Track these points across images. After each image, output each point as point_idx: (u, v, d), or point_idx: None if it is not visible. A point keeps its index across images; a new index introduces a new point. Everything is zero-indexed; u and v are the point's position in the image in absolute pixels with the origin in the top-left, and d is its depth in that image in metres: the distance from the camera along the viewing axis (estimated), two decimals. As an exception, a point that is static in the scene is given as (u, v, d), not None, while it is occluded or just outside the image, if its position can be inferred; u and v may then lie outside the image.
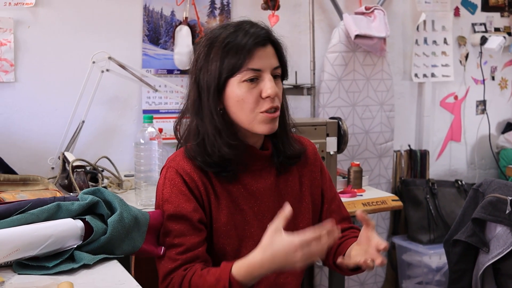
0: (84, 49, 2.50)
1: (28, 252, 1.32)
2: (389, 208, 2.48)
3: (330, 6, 3.07)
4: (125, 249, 1.46)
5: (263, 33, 1.49)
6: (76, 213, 1.42)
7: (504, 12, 3.65)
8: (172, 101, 2.71)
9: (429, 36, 3.39)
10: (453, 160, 3.65)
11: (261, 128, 1.52)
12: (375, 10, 3.05)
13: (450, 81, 3.49)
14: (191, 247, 1.53)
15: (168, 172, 1.57)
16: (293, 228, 1.65)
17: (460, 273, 2.56)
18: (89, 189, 1.48)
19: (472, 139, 3.68)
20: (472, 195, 2.52)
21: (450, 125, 3.60)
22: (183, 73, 2.72)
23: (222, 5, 2.75)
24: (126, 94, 2.64)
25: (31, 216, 1.37)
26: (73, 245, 1.38)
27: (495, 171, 3.73)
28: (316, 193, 1.72)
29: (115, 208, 1.45)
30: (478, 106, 3.67)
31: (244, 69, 1.46)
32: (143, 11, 2.61)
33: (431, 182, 3.29)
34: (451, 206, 3.24)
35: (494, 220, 2.37)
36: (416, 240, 3.21)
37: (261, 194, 1.61)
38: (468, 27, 3.56)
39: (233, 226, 1.58)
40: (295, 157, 1.66)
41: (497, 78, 3.71)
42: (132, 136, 2.65)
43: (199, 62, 1.51)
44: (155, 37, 2.64)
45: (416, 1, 3.29)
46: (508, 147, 3.63)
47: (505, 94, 3.76)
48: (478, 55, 3.59)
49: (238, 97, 1.48)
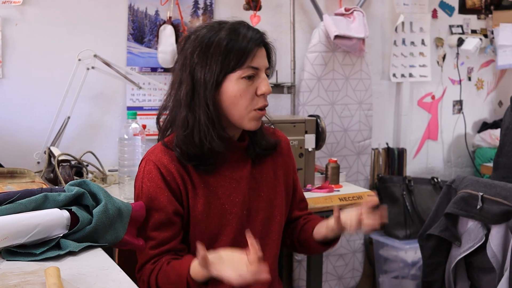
0: (71, 47, 2.56)
1: (17, 240, 1.38)
2: (365, 203, 2.56)
3: (311, 7, 3.16)
4: (108, 239, 1.53)
5: (260, 35, 1.59)
6: (63, 204, 1.49)
7: (480, 15, 3.76)
8: (156, 98, 2.78)
9: (407, 37, 3.49)
10: (430, 158, 3.75)
11: (250, 124, 1.62)
12: (355, 11, 3.14)
13: (428, 81, 3.60)
14: (162, 242, 1.62)
15: (147, 165, 1.65)
16: (268, 213, 1.75)
17: (433, 266, 2.66)
18: (75, 181, 1.55)
19: (449, 138, 3.79)
20: (445, 191, 2.62)
21: (427, 124, 3.70)
22: (167, 71, 2.79)
23: (205, 5, 2.83)
24: (111, 91, 2.71)
25: (20, 206, 1.43)
26: (59, 234, 1.45)
27: (471, 170, 3.84)
28: (289, 182, 1.83)
29: (100, 199, 1.52)
30: (455, 106, 3.77)
31: (245, 66, 1.55)
32: (128, 11, 2.67)
33: (407, 179, 3.39)
34: (427, 203, 3.34)
35: (466, 215, 2.47)
36: (393, 236, 3.30)
37: (238, 183, 1.70)
38: (445, 29, 3.66)
39: (210, 214, 1.66)
40: (270, 149, 1.76)
41: (473, 79, 3.82)
42: (116, 132, 2.72)
43: (194, 57, 1.57)
44: (139, 35, 2.71)
45: (395, 3, 3.39)
46: (483, 146, 3.74)
47: (481, 95, 3.88)
48: (455, 56, 3.69)
49: (235, 92, 1.57)
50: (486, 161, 3.65)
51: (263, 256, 1.73)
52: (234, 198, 1.69)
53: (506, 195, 2.35)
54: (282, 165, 1.80)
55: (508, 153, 2.61)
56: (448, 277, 2.63)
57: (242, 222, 1.71)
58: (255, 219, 1.73)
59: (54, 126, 2.50)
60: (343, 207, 2.50)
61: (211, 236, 1.68)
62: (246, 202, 1.71)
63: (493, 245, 2.42)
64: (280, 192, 1.79)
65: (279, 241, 1.80)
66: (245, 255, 1.43)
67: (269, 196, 1.76)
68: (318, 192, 2.54)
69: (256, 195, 1.74)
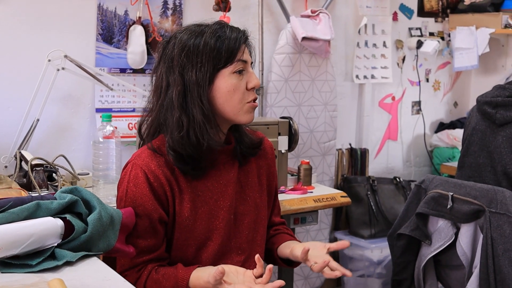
0: (38, 47, 2.48)
1: (11, 251, 1.33)
2: (338, 204, 2.59)
3: (278, 8, 3.16)
4: (100, 247, 1.49)
5: (244, 32, 1.62)
6: (55, 212, 1.44)
7: (438, 18, 3.86)
8: (125, 100, 2.72)
9: (370, 39, 3.54)
10: (390, 158, 3.82)
11: (245, 117, 1.63)
12: (320, 13, 3.17)
13: (388, 83, 3.66)
14: (145, 249, 1.61)
15: (133, 169, 1.62)
16: (255, 216, 1.74)
17: (403, 265, 2.71)
18: (67, 188, 1.50)
19: (408, 138, 3.87)
20: (415, 191, 2.68)
21: (388, 125, 3.77)
22: (136, 72, 2.73)
23: (175, 5, 2.79)
24: (80, 93, 2.63)
25: (12, 215, 1.37)
26: (53, 243, 1.40)
27: (429, 169, 3.93)
28: (272, 185, 1.85)
29: (93, 206, 1.48)
30: (414, 106, 3.86)
31: (236, 59, 1.57)
32: (97, 10, 2.60)
33: (371, 179, 3.44)
34: (390, 202, 3.40)
35: (436, 214, 2.53)
36: (358, 235, 3.35)
37: (225, 186, 1.69)
38: (405, 31, 3.74)
39: (197, 219, 1.65)
40: (255, 147, 1.76)
41: (431, 80, 3.91)
42: (84, 134, 2.65)
43: (182, 58, 1.57)
44: (108, 36, 2.64)
45: (358, 6, 3.43)
46: (441, 146, 3.83)
47: (438, 96, 3.98)
48: (414, 58, 3.77)
49: (229, 87, 1.58)
50: (444, 161, 3.74)
51: (250, 260, 1.73)
52: (221, 202, 1.68)
53: (476, 194, 2.42)
54: (266, 169, 1.81)
55: (475, 153, 2.68)
56: (417, 275, 2.68)
57: (229, 226, 1.70)
58: (241, 224, 1.73)
59: (22, 129, 2.41)
60: (318, 208, 2.55)
61: (198, 241, 1.66)
62: (233, 207, 1.71)
63: (463, 243, 2.48)
64: (264, 196, 1.79)
65: (264, 245, 1.81)
66: (251, 272, 1.47)
67: (255, 200, 1.76)
68: (292, 194, 2.55)
69: (243, 199, 1.73)
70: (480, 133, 2.66)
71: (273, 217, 1.89)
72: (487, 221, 2.36)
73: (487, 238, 2.35)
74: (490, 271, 2.34)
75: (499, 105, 2.58)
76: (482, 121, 2.67)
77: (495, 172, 2.59)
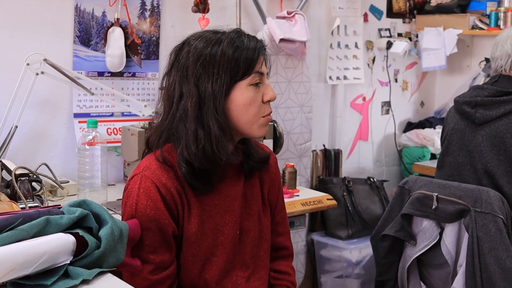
0: (14, 49, 2.37)
1: (23, 271, 1.25)
2: (325, 207, 2.58)
3: (254, 10, 3.12)
4: (110, 262, 1.43)
5: (261, 43, 1.56)
6: (65, 227, 1.36)
7: (405, 19, 3.90)
8: (103, 104, 2.63)
9: (342, 40, 3.55)
10: (361, 158, 3.84)
11: (260, 131, 1.58)
12: (296, 14, 3.15)
13: (360, 83, 3.68)
14: (161, 265, 1.54)
15: (143, 182, 1.55)
16: (258, 231, 1.70)
17: (387, 266, 2.72)
18: (75, 201, 1.43)
19: (378, 138, 3.90)
20: (398, 192, 2.69)
21: (359, 125, 3.79)
22: (114, 75, 2.65)
23: (153, 6, 2.71)
24: (57, 97, 2.53)
25: (21, 232, 1.29)
26: (65, 260, 1.33)
27: (398, 168, 3.98)
28: (273, 200, 1.78)
29: (104, 220, 1.41)
30: (383, 106, 3.89)
31: (253, 72, 1.52)
32: (74, 11, 2.50)
33: (347, 180, 3.44)
34: (366, 203, 3.42)
35: (421, 215, 2.55)
36: (335, 236, 3.35)
37: (231, 200, 1.64)
38: (375, 32, 3.76)
39: (203, 235, 1.59)
40: (263, 161, 1.71)
41: (399, 80, 3.95)
42: (62, 141, 2.55)
43: (198, 68, 1.50)
44: (86, 38, 2.55)
45: (331, 7, 3.43)
46: (410, 145, 3.88)
47: (406, 96, 4.02)
48: (383, 59, 3.80)
49: (245, 100, 1.52)
50: (415, 160, 3.79)
51: (254, 276, 1.68)
52: (227, 217, 1.63)
53: (461, 194, 2.45)
54: (268, 182, 1.76)
55: (454, 152, 2.72)
56: (401, 275, 2.70)
57: (235, 242, 1.65)
58: (246, 239, 1.68)
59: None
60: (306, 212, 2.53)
61: (204, 257, 1.61)
62: (238, 222, 1.65)
63: (448, 243, 2.52)
64: (267, 210, 1.75)
65: (268, 261, 1.75)
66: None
67: (259, 214, 1.71)
68: (279, 198, 2.52)
69: (248, 214, 1.68)
70: (459, 132, 2.70)
71: (279, 238, 1.81)
72: (473, 221, 2.39)
73: (473, 237, 2.39)
74: (476, 269, 2.38)
75: (479, 104, 2.62)
76: (461, 120, 2.71)
77: (475, 170, 2.63)
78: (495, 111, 2.59)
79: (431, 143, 3.72)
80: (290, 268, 1.82)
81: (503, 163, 2.56)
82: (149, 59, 2.73)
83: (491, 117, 2.60)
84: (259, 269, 1.71)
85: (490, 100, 2.60)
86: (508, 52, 2.66)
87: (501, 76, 2.66)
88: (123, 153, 2.23)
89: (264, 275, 1.72)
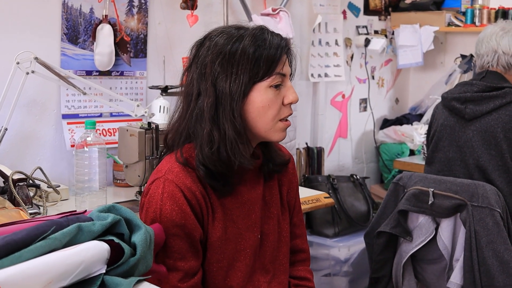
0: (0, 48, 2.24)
1: (61, 283, 1.17)
2: (323, 205, 2.55)
3: (239, 7, 3.07)
4: (141, 269, 1.35)
5: (286, 41, 1.49)
6: (98, 235, 1.28)
7: (381, 16, 3.92)
8: (92, 105, 2.53)
9: (323, 38, 3.53)
10: (341, 155, 3.84)
11: (277, 136, 1.51)
12: (280, 11, 3.11)
13: (340, 81, 3.67)
14: (189, 272, 1.48)
15: (166, 186, 1.47)
16: (278, 235, 1.65)
17: (382, 263, 2.72)
18: (104, 206, 1.34)
19: (357, 135, 3.91)
20: (392, 189, 2.69)
21: (339, 123, 3.79)
22: (102, 74, 2.55)
23: (140, 3, 2.63)
24: (44, 98, 2.41)
25: (55, 241, 1.21)
26: (100, 269, 1.25)
27: (376, 165, 3.99)
28: (291, 201, 1.73)
29: (136, 225, 1.34)
30: (361, 104, 3.90)
31: (274, 73, 1.44)
32: (62, 8, 2.40)
33: (331, 178, 3.43)
34: (351, 200, 3.41)
35: (417, 210, 2.55)
36: (322, 234, 3.33)
37: (252, 204, 1.58)
38: (353, 30, 3.77)
39: (226, 239, 1.54)
40: (283, 164, 1.66)
41: (376, 77, 3.97)
42: (50, 142, 2.44)
43: (216, 66, 1.44)
44: (74, 36, 2.44)
45: (313, 4, 3.41)
46: (387, 142, 3.90)
47: (382, 92, 4.05)
48: (361, 56, 3.81)
49: (264, 102, 1.45)
50: (393, 156, 3.80)
51: (275, 281, 1.64)
52: (248, 221, 1.58)
53: (457, 189, 2.47)
54: (287, 184, 1.70)
55: (444, 148, 2.74)
56: (396, 271, 2.70)
57: (256, 246, 1.59)
58: (266, 243, 1.63)
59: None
60: (305, 211, 2.49)
61: (227, 263, 1.55)
62: (259, 225, 1.60)
63: (444, 238, 2.53)
64: (286, 213, 1.70)
65: (287, 265, 1.70)
66: None
67: (278, 217, 1.66)
68: (276, 197, 2.47)
69: (267, 217, 1.63)
70: (449, 128, 2.72)
71: (296, 240, 1.76)
72: (470, 215, 2.41)
73: (471, 232, 2.41)
74: (474, 263, 2.39)
75: (468, 100, 2.65)
76: (450, 116, 2.72)
77: (466, 165, 2.65)
78: (485, 106, 2.62)
79: (409, 139, 3.75)
80: (309, 273, 1.78)
81: (494, 158, 2.59)
82: (137, 57, 2.64)
83: (481, 112, 2.62)
84: (279, 274, 1.66)
85: (480, 95, 2.62)
86: (494, 48, 2.69)
87: (488, 72, 2.70)
88: (121, 155, 2.15)
89: (284, 279, 1.68)
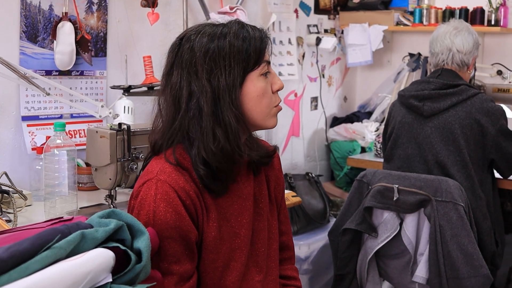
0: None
1: (70, 294, 1.11)
2: (292, 204, 2.55)
3: (197, 5, 3.02)
4: (141, 276, 1.31)
5: (264, 31, 1.53)
6: (101, 241, 1.23)
7: (330, 15, 3.96)
8: (52, 106, 2.43)
9: (277, 37, 3.53)
10: (294, 154, 3.86)
11: (272, 122, 1.54)
12: (237, 10, 3.09)
13: (292, 79, 3.68)
14: (185, 275, 1.45)
15: (160, 187, 1.44)
16: (269, 230, 1.65)
17: (347, 260, 2.75)
18: (104, 212, 1.29)
19: (308, 134, 3.93)
20: (356, 186, 2.72)
21: (292, 121, 3.80)
22: (62, 74, 2.45)
23: (100, 0, 2.54)
24: (3, 99, 2.29)
25: (60, 251, 1.15)
26: (106, 278, 1.20)
27: (327, 162, 4.03)
28: (278, 197, 1.74)
29: (139, 231, 1.29)
30: (312, 102, 3.93)
31: (263, 61, 1.47)
32: (20, 4, 2.28)
33: (288, 176, 3.44)
34: (308, 198, 3.43)
35: (383, 207, 2.60)
36: (281, 233, 3.33)
37: (244, 201, 1.58)
38: (304, 28, 3.79)
39: (221, 239, 1.52)
40: (269, 156, 1.66)
41: (326, 76, 4.01)
42: (9, 146, 2.32)
43: (207, 63, 1.43)
44: (33, 34, 2.33)
45: (267, 2, 3.41)
46: (338, 139, 3.94)
47: (331, 91, 4.09)
48: (312, 55, 3.84)
49: (258, 91, 1.47)
50: (345, 154, 3.84)
51: (268, 278, 1.63)
52: (242, 219, 1.56)
53: (421, 185, 2.53)
54: (274, 180, 1.71)
55: (403, 145, 2.80)
56: (361, 267, 2.74)
57: (249, 244, 1.59)
58: (258, 240, 1.62)
59: None
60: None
61: (223, 263, 1.53)
62: (251, 223, 1.59)
63: (408, 233, 2.58)
64: (274, 209, 1.70)
65: (277, 261, 1.70)
66: None
67: (267, 214, 1.66)
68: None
69: (258, 214, 1.63)
70: (407, 125, 2.78)
71: (282, 237, 1.76)
72: (434, 210, 2.47)
73: (435, 226, 2.47)
74: (439, 256, 2.46)
75: (426, 97, 2.71)
76: (408, 114, 2.78)
77: (425, 161, 2.72)
78: (442, 103, 2.69)
79: (360, 136, 3.80)
80: (295, 272, 1.79)
81: (453, 153, 2.67)
82: (97, 56, 2.55)
83: (439, 109, 2.69)
84: (272, 270, 1.66)
85: (437, 93, 2.69)
86: (449, 47, 2.77)
87: (444, 70, 2.77)
88: (89, 157, 2.06)
89: (276, 276, 1.68)
